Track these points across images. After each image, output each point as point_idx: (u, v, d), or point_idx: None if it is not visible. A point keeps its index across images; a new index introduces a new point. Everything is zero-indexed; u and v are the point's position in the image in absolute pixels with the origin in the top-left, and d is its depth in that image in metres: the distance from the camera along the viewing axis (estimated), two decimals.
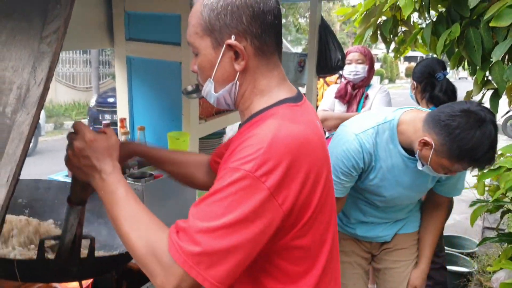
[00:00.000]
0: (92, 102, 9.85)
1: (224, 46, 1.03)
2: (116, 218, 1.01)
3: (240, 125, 1.13)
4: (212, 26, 1.03)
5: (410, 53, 3.82)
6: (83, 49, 10.83)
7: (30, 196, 1.67)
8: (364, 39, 3.51)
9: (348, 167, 1.84)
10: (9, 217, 1.51)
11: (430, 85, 2.81)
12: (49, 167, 6.07)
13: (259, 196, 0.91)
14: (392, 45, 3.56)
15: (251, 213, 0.91)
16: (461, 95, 3.41)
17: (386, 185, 1.92)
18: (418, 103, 2.84)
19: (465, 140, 1.60)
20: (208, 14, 1.03)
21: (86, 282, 1.60)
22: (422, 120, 1.75)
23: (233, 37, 1.02)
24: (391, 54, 3.88)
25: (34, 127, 1.03)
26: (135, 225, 0.98)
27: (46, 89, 1.05)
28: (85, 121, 10.47)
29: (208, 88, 1.11)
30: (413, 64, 35.11)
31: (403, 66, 33.83)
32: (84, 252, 1.25)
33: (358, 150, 1.82)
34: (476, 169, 2.05)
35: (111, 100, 9.47)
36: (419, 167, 1.80)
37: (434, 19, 3.07)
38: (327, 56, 2.92)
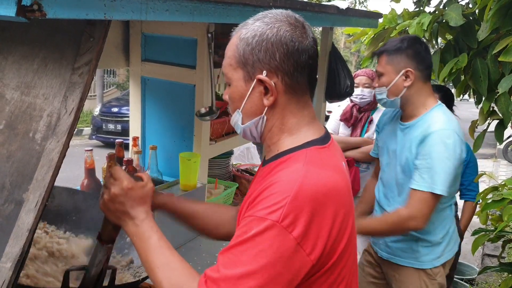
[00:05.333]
0: (96, 111, 9.91)
1: (255, 80, 1.05)
2: (150, 266, 1.04)
3: (265, 161, 1.13)
4: (246, 60, 1.05)
5: None
6: (99, 68, 10.90)
7: None
8: (373, 62, 3.56)
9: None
10: None
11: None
12: None
13: (286, 246, 0.92)
14: None
15: (278, 263, 0.91)
16: (464, 116, 3.48)
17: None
18: None
19: None
20: (243, 48, 1.05)
21: None
22: None
23: (264, 72, 1.04)
24: None
25: (63, 155, 1.07)
26: (168, 273, 1.01)
27: (76, 118, 1.09)
28: (89, 129, 10.51)
29: (236, 118, 1.13)
30: None
31: None
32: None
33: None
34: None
35: (115, 109, 9.52)
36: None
37: (442, 46, 3.13)
38: (336, 82, 2.94)
